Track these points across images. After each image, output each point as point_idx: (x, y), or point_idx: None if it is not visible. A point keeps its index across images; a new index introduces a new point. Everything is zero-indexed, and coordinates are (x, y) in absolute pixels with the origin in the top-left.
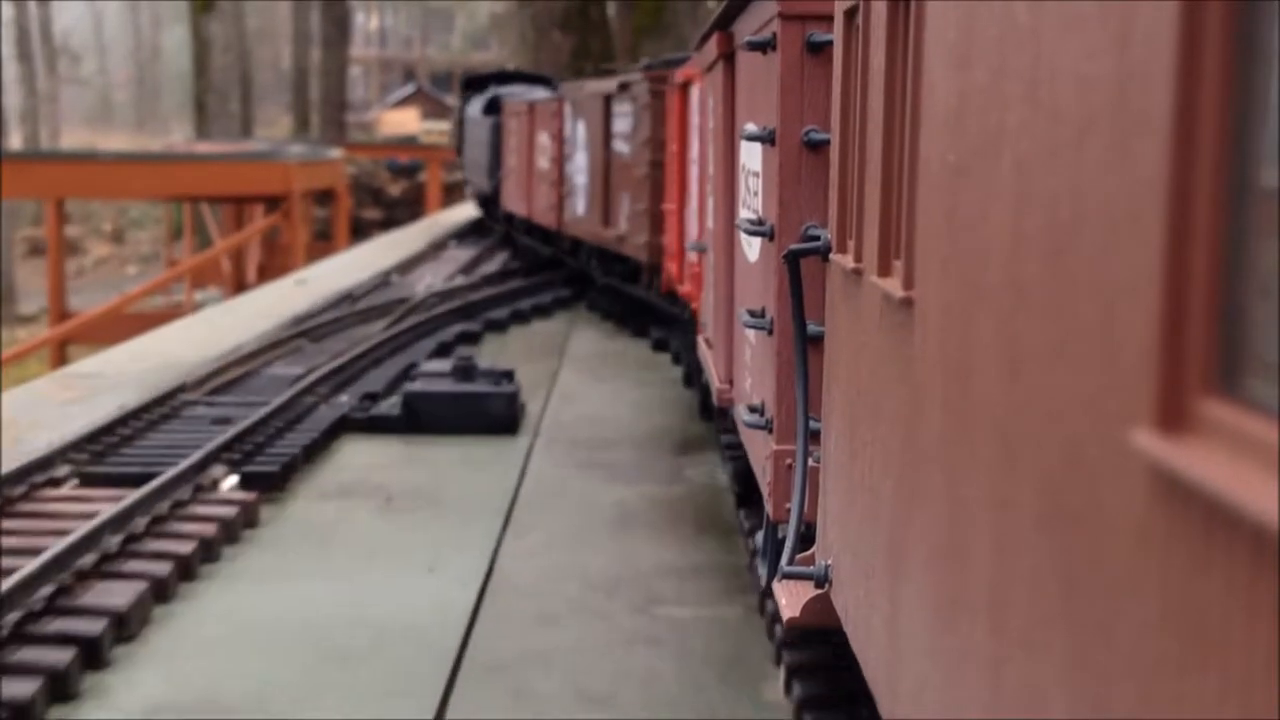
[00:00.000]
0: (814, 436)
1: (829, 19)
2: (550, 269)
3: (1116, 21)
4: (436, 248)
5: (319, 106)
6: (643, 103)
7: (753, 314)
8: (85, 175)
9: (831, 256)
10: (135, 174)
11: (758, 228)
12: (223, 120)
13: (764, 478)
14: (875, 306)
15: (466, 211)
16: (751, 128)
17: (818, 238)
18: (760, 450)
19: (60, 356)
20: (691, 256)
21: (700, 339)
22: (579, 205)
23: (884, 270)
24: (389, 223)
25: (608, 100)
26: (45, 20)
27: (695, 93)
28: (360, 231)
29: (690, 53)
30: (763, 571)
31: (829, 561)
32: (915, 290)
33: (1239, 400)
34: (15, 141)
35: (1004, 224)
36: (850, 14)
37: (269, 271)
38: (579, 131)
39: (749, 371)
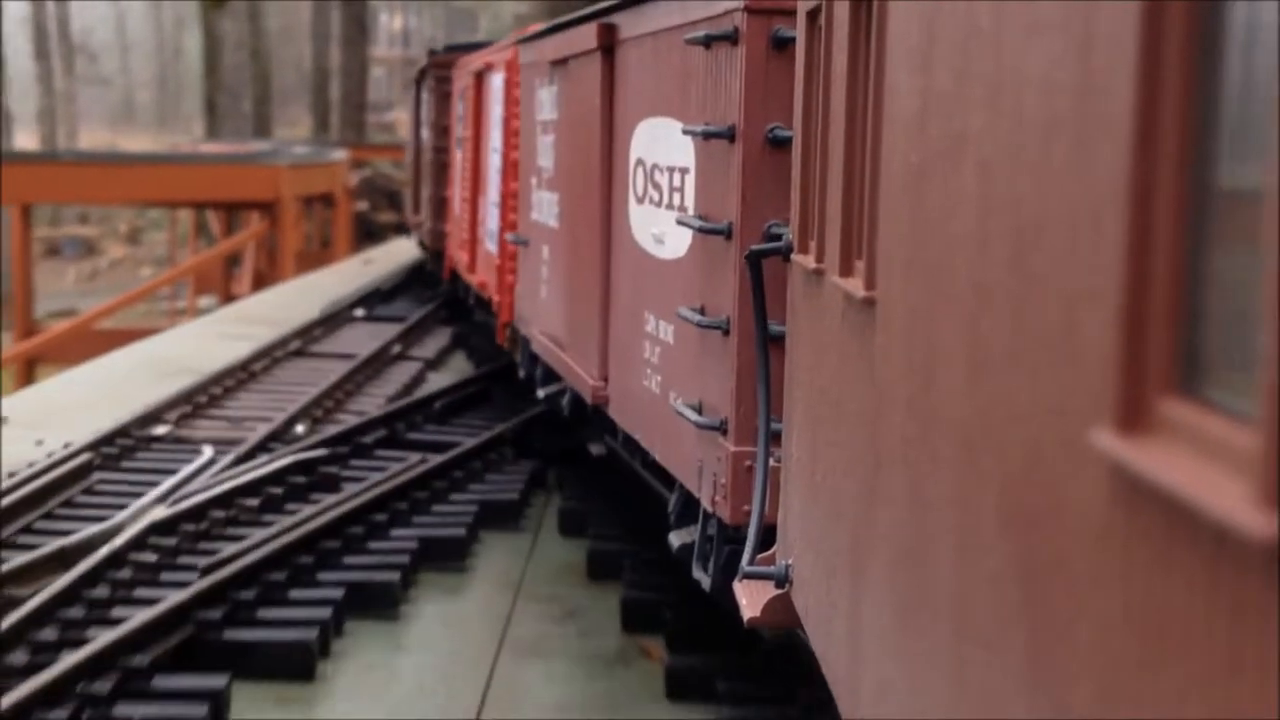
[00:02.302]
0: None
1: (794, 14)
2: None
3: (1078, 25)
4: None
5: (339, 107)
6: (430, 88)
7: (696, 311)
8: (49, 178)
9: (793, 257)
10: (107, 177)
11: (708, 225)
12: (235, 120)
13: (708, 478)
14: (837, 307)
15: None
16: (664, 122)
17: (780, 236)
18: (700, 451)
19: (27, 375)
20: (489, 247)
21: (535, 333)
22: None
23: (846, 270)
24: (403, 228)
25: (418, 84)
26: (63, 19)
27: (497, 81)
28: (374, 236)
29: (491, 40)
30: (701, 575)
31: (790, 561)
32: (877, 290)
33: (1199, 401)
34: (30, 142)
35: (967, 226)
36: (813, 14)
37: (267, 279)
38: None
39: (655, 369)
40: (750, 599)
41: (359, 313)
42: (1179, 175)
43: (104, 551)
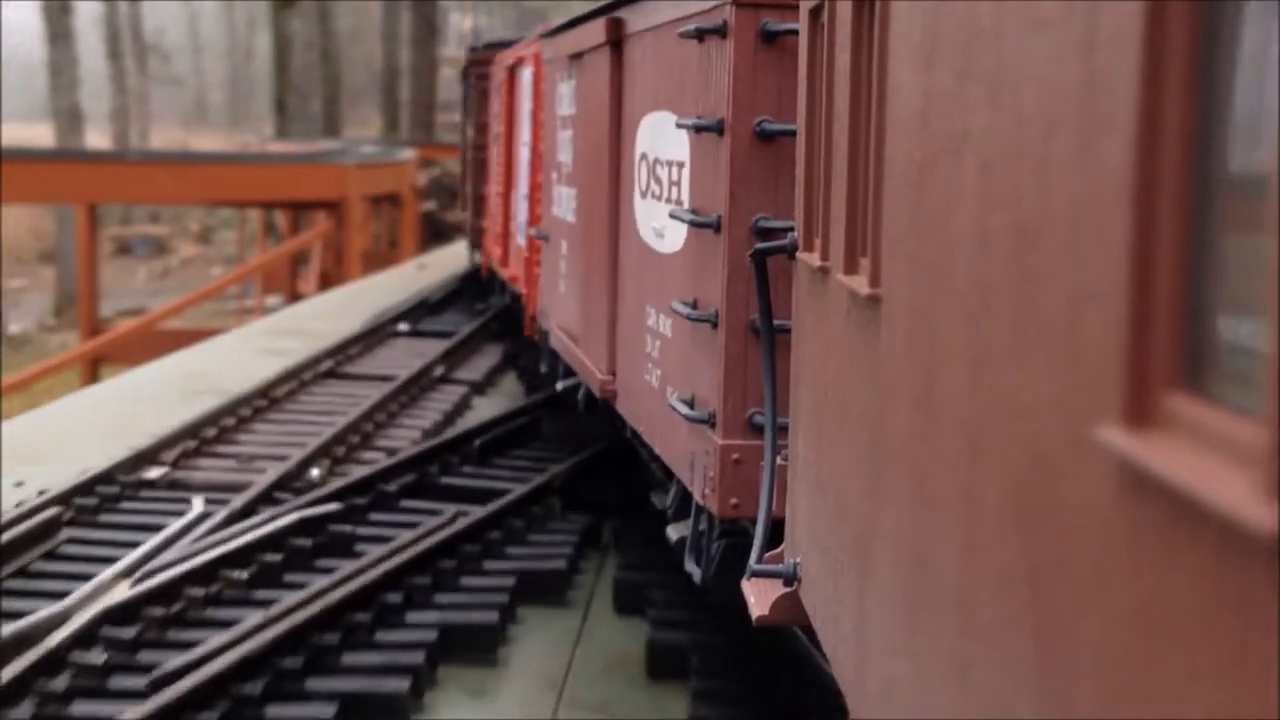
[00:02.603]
0: (761, 433)
1: (782, 8)
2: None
3: (1081, 24)
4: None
5: (408, 107)
6: (471, 85)
7: (688, 305)
8: (116, 178)
9: (798, 254)
10: (172, 177)
11: (699, 218)
12: (305, 120)
13: (698, 472)
14: (842, 304)
15: None
16: (664, 115)
17: (771, 230)
18: (692, 444)
19: (92, 375)
20: (519, 241)
21: (553, 328)
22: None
23: (850, 268)
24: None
25: (464, 82)
26: (136, 19)
27: (526, 76)
28: (442, 236)
29: (520, 35)
30: (693, 569)
31: (797, 559)
32: (882, 288)
33: (1204, 396)
34: (103, 141)
35: (970, 223)
36: (815, 12)
37: (334, 279)
38: None
39: (655, 363)
40: (759, 597)
41: (403, 327)
42: (1182, 171)
43: (33, 655)
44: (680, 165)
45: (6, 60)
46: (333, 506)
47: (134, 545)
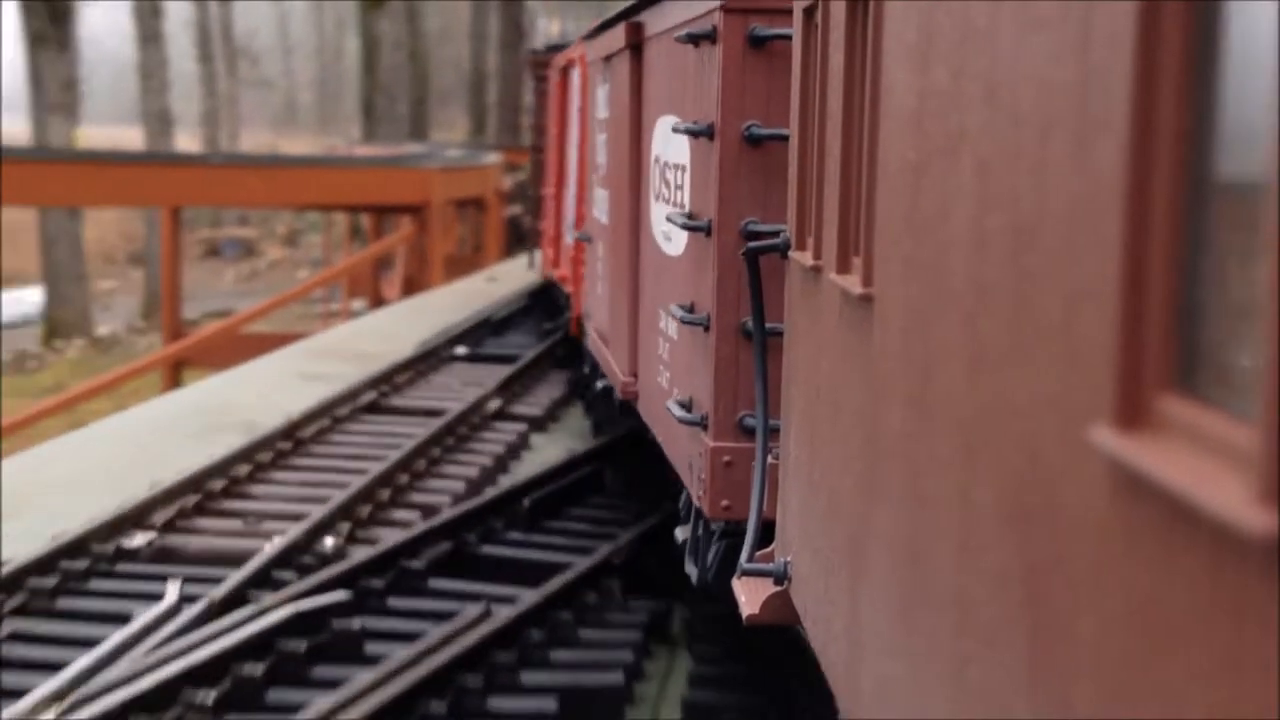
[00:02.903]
0: (755, 434)
1: (771, 13)
2: None
3: (1075, 24)
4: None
5: (495, 109)
6: (533, 87)
7: (683, 309)
8: (199, 181)
9: (790, 254)
10: (255, 180)
11: (692, 222)
12: (393, 122)
13: (694, 474)
14: (834, 304)
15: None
16: (675, 121)
17: (759, 234)
18: (689, 446)
19: (174, 380)
20: (568, 241)
21: (590, 329)
22: None
23: (843, 267)
24: None
25: (533, 84)
26: (226, 22)
27: (575, 78)
28: (525, 240)
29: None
30: (691, 569)
31: (788, 559)
32: (875, 287)
33: (1198, 398)
34: (192, 144)
35: (965, 223)
36: (809, 12)
37: (417, 285)
38: None
39: (666, 366)
40: (749, 596)
41: (460, 350)
42: (1176, 172)
43: None
44: (683, 169)
45: (98, 63)
46: (338, 596)
47: (87, 645)
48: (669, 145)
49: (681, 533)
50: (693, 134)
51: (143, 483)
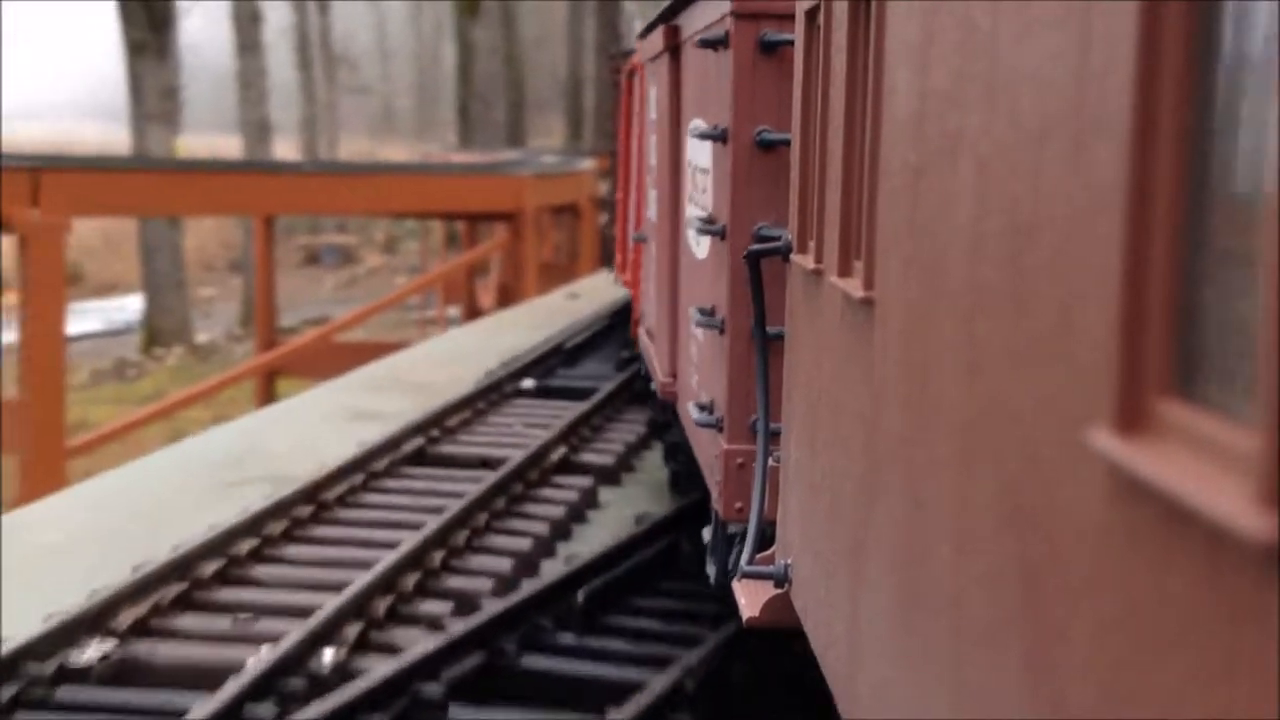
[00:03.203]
0: (774, 437)
1: (782, 18)
2: None
3: (1075, 25)
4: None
5: (592, 115)
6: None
7: (703, 312)
8: (291, 190)
9: (792, 257)
10: (347, 188)
11: (709, 226)
12: (489, 128)
13: (713, 476)
14: (836, 307)
15: None
16: (700, 125)
17: (771, 238)
18: (709, 448)
19: (268, 390)
20: (632, 244)
21: (641, 330)
22: None
23: (844, 271)
24: None
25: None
26: (325, 28)
27: (637, 80)
28: (608, 247)
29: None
30: (712, 570)
31: (789, 561)
32: (876, 291)
33: (1197, 401)
34: (291, 151)
35: (964, 226)
36: (811, 14)
37: (513, 293)
38: None
39: (695, 368)
40: (749, 598)
41: (528, 383)
42: (1176, 175)
43: None
44: (706, 172)
45: (196, 72)
46: None
47: None
48: (697, 149)
49: (708, 532)
50: (709, 138)
51: (136, 554)
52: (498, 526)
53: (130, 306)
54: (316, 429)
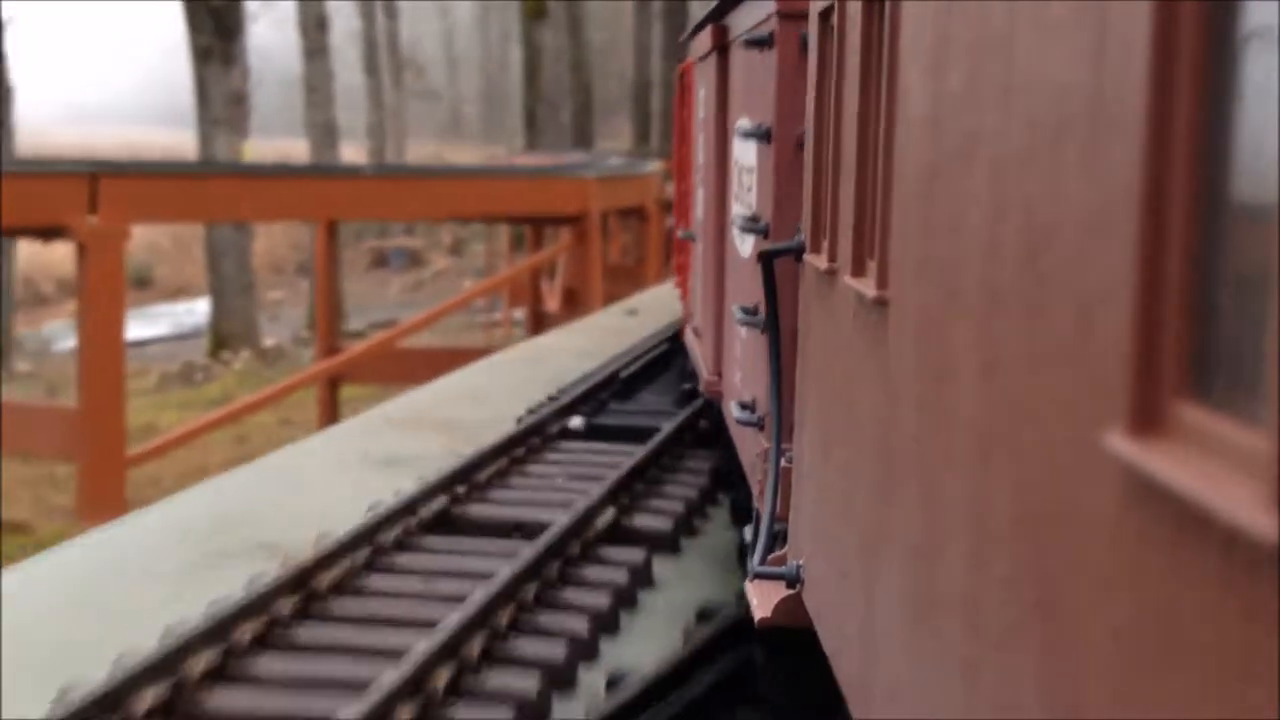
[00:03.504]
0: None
1: None
2: None
3: (1090, 27)
4: None
5: (659, 118)
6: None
7: (746, 310)
8: (352, 194)
9: (805, 256)
10: (408, 192)
11: (752, 224)
12: (555, 132)
13: (754, 475)
14: (849, 307)
15: None
16: (746, 124)
17: None
18: (751, 447)
19: (330, 397)
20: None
21: (688, 328)
22: None
23: (858, 271)
24: None
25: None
26: (393, 33)
27: (691, 82)
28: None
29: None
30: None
31: (801, 562)
32: (889, 291)
33: (1212, 404)
34: (358, 155)
35: (979, 227)
36: (825, 15)
37: (577, 297)
38: None
39: (739, 366)
40: (761, 599)
41: (575, 422)
42: (1192, 176)
43: None
44: (752, 171)
45: (264, 77)
46: None
47: None
48: (742, 148)
49: (749, 532)
50: (753, 137)
51: (71, 668)
52: (527, 624)
53: (199, 310)
54: (328, 480)
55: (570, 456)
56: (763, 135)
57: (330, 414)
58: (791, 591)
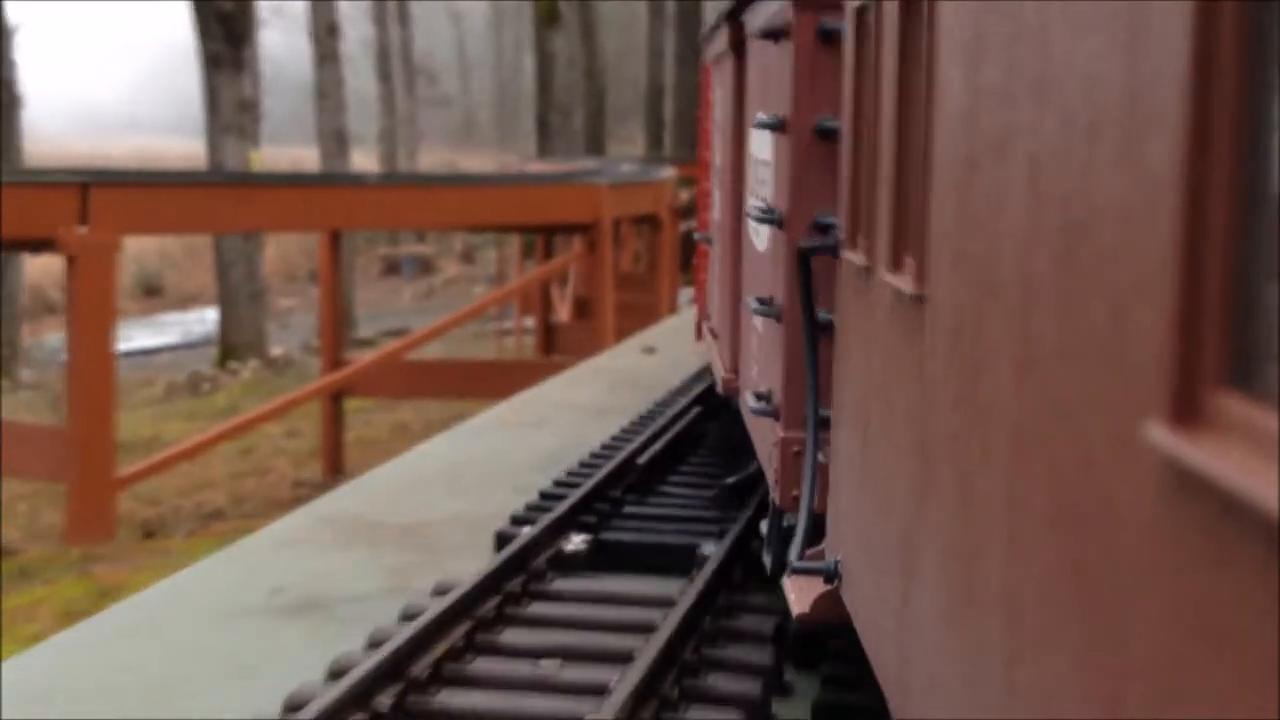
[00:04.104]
0: (824, 427)
1: (841, 8)
2: None
3: (1127, 20)
4: None
5: (672, 124)
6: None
7: (762, 302)
8: (354, 202)
9: (842, 253)
10: (413, 201)
11: (767, 215)
12: (568, 138)
13: (769, 464)
14: (886, 303)
15: None
16: (762, 116)
17: (828, 226)
18: (767, 437)
19: (334, 412)
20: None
21: (705, 328)
22: None
23: (896, 267)
24: None
25: None
26: (406, 41)
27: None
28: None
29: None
30: (766, 560)
31: (839, 557)
32: (927, 287)
33: (1253, 394)
34: (370, 163)
35: (1016, 221)
36: (861, 12)
37: (588, 307)
38: None
39: (755, 360)
40: (799, 594)
41: (575, 543)
42: (1232, 168)
43: None
44: (768, 165)
45: (277, 85)
46: None
47: None
48: (759, 142)
49: (765, 524)
50: (769, 128)
51: None
52: None
53: (210, 318)
54: (187, 658)
55: (566, 612)
56: (778, 125)
57: (334, 429)
58: (829, 587)
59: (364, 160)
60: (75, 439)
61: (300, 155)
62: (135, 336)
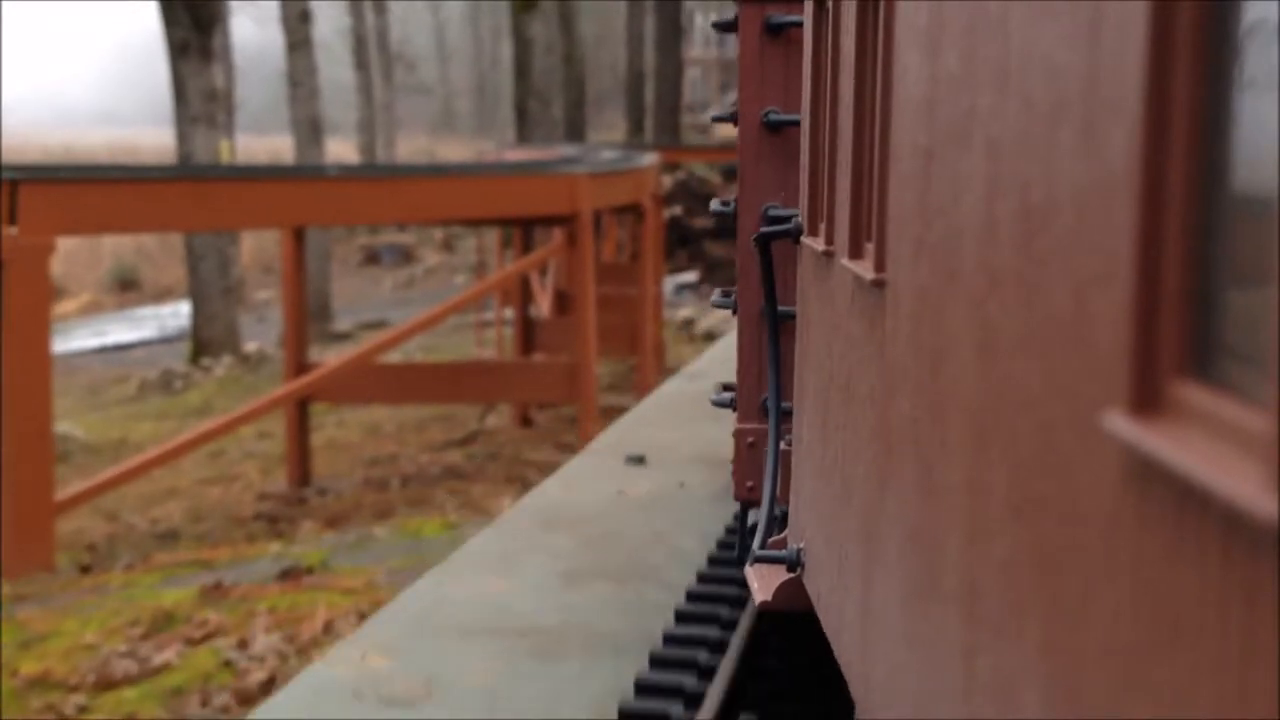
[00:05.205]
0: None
1: (788, 1)
2: None
3: (1087, 6)
4: None
5: (653, 110)
6: None
7: (724, 294)
8: (315, 196)
9: (803, 239)
10: (377, 194)
11: (720, 207)
12: (547, 125)
13: (734, 454)
14: (847, 289)
15: None
16: (714, 110)
17: (780, 219)
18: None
19: (298, 416)
20: None
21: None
22: None
23: (855, 253)
24: (720, 233)
25: None
26: (383, 29)
27: None
28: (688, 242)
29: None
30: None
31: (801, 545)
32: (887, 273)
33: (1212, 383)
34: (348, 151)
35: (976, 208)
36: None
37: (569, 301)
38: None
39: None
40: (762, 583)
41: None
42: (1190, 156)
43: None
44: None
45: (251, 74)
46: None
47: None
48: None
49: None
50: (719, 120)
51: None
52: None
53: (185, 312)
54: None
55: None
56: (728, 118)
57: (300, 436)
58: (792, 575)
59: (342, 149)
60: (8, 460)
61: (278, 145)
62: (111, 331)
